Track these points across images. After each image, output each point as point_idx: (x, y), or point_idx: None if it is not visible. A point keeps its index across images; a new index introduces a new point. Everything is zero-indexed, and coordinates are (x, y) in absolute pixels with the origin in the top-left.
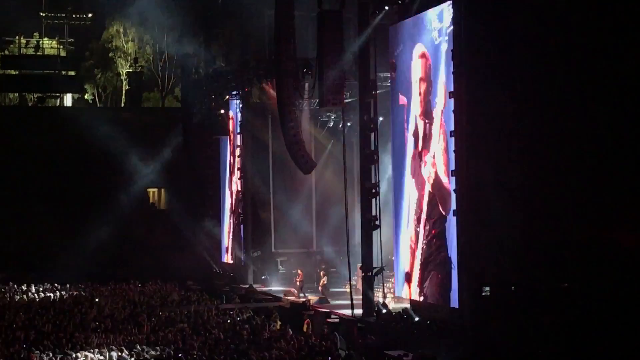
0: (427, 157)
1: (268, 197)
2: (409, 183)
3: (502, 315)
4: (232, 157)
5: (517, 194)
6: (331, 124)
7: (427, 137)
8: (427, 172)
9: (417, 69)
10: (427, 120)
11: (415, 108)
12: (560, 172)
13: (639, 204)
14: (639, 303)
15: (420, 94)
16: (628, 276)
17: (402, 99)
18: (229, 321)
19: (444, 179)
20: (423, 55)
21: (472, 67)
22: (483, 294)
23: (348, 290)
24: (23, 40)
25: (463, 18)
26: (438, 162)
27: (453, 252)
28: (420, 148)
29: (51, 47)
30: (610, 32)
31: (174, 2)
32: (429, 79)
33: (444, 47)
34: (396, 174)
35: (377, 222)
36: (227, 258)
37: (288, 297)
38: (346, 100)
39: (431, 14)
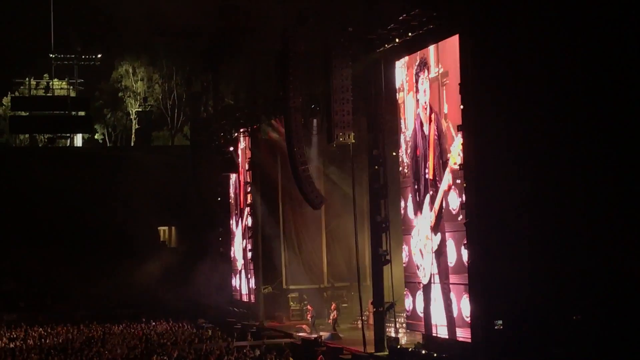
0: (435, 189)
1: (278, 233)
2: (418, 216)
3: (515, 348)
4: (241, 194)
5: (528, 227)
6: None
7: (431, 169)
8: (437, 202)
9: (421, 100)
10: (427, 149)
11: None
12: (572, 204)
13: None
14: None
15: (419, 122)
16: None
17: (405, 129)
18: (241, 359)
19: (454, 209)
20: (424, 85)
21: (479, 100)
22: (496, 327)
23: (360, 325)
24: (33, 82)
25: (470, 51)
26: (448, 194)
27: (465, 285)
28: (427, 181)
29: (61, 88)
30: (621, 59)
31: (182, 41)
32: (429, 108)
33: (445, 77)
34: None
35: (387, 257)
36: (238, 295)
37: (300, 334)
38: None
39: (434, 49)
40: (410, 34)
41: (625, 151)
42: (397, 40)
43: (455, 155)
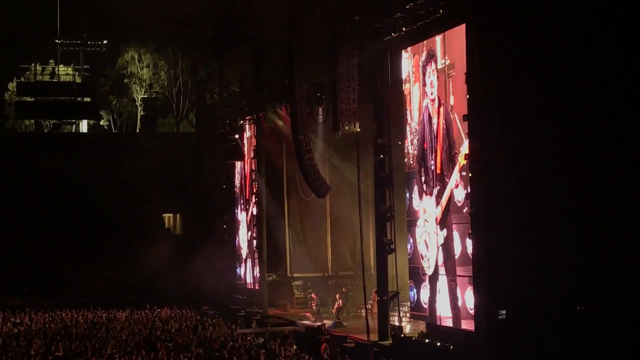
0: (442, 184)
1: (283, 221)
2: (424, 204)
3: (518, 338)
4: (246, 182)
5: (533, 217)
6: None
7: (438, 163)
8: (444, 196)
9: (428, 92)
10: (435, 142)
11: (423, 130)
12: (578, 194)
13: None
14: None
15: (427, 114)
16: None
17: (411, 120)
18: (245, 346)
19: (459, 201)
20: (431, 78)
21: (485, 90)
22: (499, 317)
23: (363, 314)
24: (39, 67)
25: (476, 41)
26: (452, 184)
27: (469, 275)
28: (434, 174)
29: (67, 74)
30: (629, 52)
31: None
32: (437, 101)
33: (452, 69)
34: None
35: (392, 246)
36: (243, 283)
37: (304, 322)
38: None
39: (440, 40)
40: (417, 23)
41: (631, 142)
42: (403, 29)
43: (464, 155)
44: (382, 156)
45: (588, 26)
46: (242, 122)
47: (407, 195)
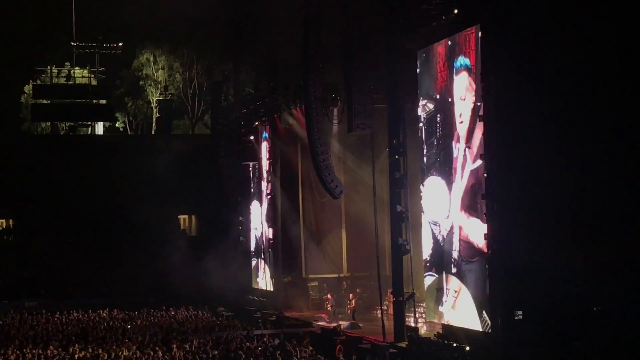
0: (457, 177)
1: (298, 222)
2: (440, 207)
3: (534, 339)
4: (261, 183)
5: (549, 216)
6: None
7: (456, 162)
8: (458, 191)
9: (443, 92)
10: (453, 143)
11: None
12: (593, 194)
13: None
14: None
15: (447, 115)
16: None
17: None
18: (260, 347)
19: (476, 202)
20: (449, 76)
21: (500, 90)
22: (516, 318)
23: (379, 315)
24: (54, 70)
25: (491, 41)
26: (470, 187)
27: (485, 275)
28: (452, 171)
29: (82, 76)
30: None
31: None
32: (455, 100)
33: (469, 69)
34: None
35: (407, 247)
36: (258, 284)
37: (319, 323)
38: None
39: (457, 38)
40: (432, 23)
41: None
42: (418, 29)
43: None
44: (397, 157)
45: (601, 24)
46: (257, 123)
47: (423, 193)
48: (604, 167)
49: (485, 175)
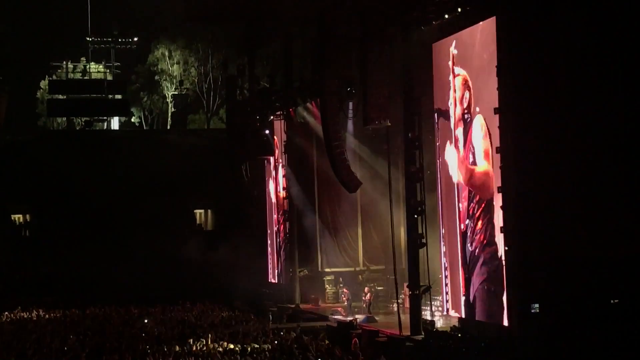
0: (469, 159)
1: (314, 216)
2: (453, 192)
3: (551, 333)
4: (277, 177)
5: (566, 210)
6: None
7: (467, 142)
8: (470, 173)
9: (458, 84)
10: (465, 126)
11: (456, 118)
12: (612, 186)
13: None
14: None
15: (460, 106)
16: None
17: (444, 112)
18: (277, 341)
19: (493, 195)
20: (463, 70)
21: (516, 82)
22: (532, 311)
23: (395, 308)
24: (70, 65)
25: (508, 33)
26: (479, 163)
27: (502, 269)
28: (462, 153)
29: (98, 72)
30: None
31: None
32: (469, 94)
33: (486, 62)
34: (443, 188)
35: (423, 240)
36: (274, 278)
37: (335, 317)
38: None
39: (473, 30)
40: (446, 15)
41: None
42: (433, 22)
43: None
44: (412, 150)
45: (618, 16)
46: (272, 117)
47: (439, 187)
48: (625, 162)
49: (500, 168)
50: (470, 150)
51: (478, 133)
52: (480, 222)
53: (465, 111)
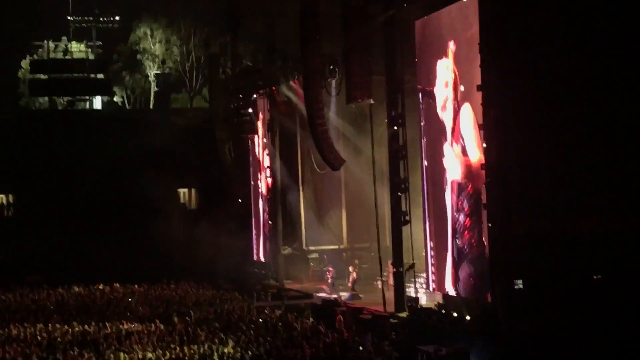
0: (457, 149)
1: (297, 194)
2: (441, 175)
3: (535, 308)
4: (260, 156)
5: (548, 186)
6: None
7: (455, 130)
8: (460, 164)
9: (442, 63)
10: (453, 113)
11: (441, 101)
12: (593, 163)
13: None
14: None
15: (446, 86)
16: None
17: (428, 92)
18: (261, 319)
19: (476, 171)
20: (448, 48)
21: (499, 60)
22: (515, 287)
23: (379, 286)
24: (51, 45)
25: (490, 10)
26: (471, 154)
27: (486, 246)
28: (449, 140)
29: (79, 51)
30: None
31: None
32: (454, 72)
33: (469, 39)
34: (428, 167)
35: (407, 218)
36: (258, 256)
37: (320, 294)
38: None
39: (456, 7)
40: None
41: None
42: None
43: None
44: (396, 128)
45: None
46: (255, 96)
47: (425, 164)
48: (606, 137)
49: (484, 146)
50: (460, 140)
51: (468, 123)
52: (466, 201)
53: (452, 93)
